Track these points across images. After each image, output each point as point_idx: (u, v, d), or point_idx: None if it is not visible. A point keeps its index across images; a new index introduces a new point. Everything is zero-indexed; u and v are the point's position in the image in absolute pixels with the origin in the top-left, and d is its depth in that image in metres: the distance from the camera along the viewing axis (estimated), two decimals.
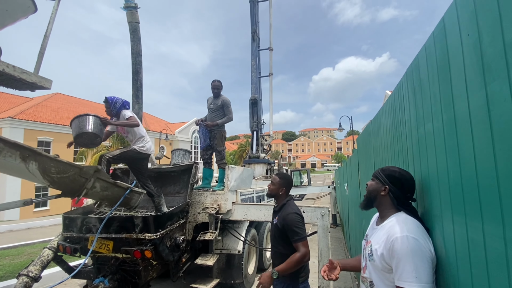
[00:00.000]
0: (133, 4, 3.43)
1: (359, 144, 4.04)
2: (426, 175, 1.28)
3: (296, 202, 2.42)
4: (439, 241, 1.13)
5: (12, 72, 1.76)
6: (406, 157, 1.58)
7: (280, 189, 2.33)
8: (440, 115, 1.09)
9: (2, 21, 2.55)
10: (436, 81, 1.12)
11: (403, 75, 1.59)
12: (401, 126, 1.68)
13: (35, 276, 3.05)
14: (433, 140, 1.17)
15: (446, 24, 1.05)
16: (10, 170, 2.40)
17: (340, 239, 7.66)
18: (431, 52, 1.19)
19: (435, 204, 1.17)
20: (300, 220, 2.14)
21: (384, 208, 1.33)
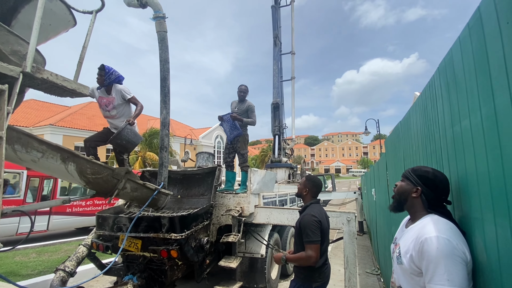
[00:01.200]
0: (161, 14, 3.59)
1: (387, 147, 3.87)
2: (463, 176, 1.20)
3: None
4: (479, 246, 1.04)
5: (55, 80, 1.93)
6: (440, 157, 1.49)
7: (304, 190, 2.36)
8: (478, 110, 1.02)
9: (46, 35, 2.81)
10: (473, 74, 1.05)
11: (435, 71, 1.51)
12: (433, 125, 1.59)
13: (71, 271, 3.26)
14: (470, 137, 1.10)
15: (483, 13, 0.99)
16: (51, 171, 2.61)
17: (368, 247, 7.33)
18: (467, 44, 1.12)
19: (475, 206, 1.09)
20: (315, 223, 2.10)
21: (415, 210, 1.26)
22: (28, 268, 5.40)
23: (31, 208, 2.47)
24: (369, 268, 5.39)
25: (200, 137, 31.22)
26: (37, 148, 2.24)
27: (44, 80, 1.85)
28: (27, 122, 20.72)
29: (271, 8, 10.62)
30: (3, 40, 1.88)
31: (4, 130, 1.55)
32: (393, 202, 1.36)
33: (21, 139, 2.16)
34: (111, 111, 3.52)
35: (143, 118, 31.26)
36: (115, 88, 3.43)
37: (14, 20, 2.33)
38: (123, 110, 3.56)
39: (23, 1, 2.37)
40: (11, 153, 2.14)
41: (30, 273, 5.08)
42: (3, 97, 1.56)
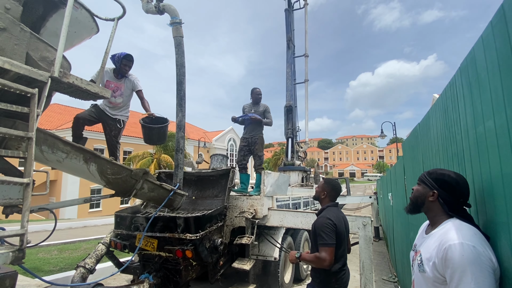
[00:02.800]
0: (178, 20, 3.70)
1: (405, 150, 3.77)
2: (487, 178, 1.15)
3: None
4: (506, 251, 1.00)
5: (80, 84, 2.03)
6: (462, 160, 1.44)
7: (322, 193, 2.35)
8: (503, 110, 0.98)
9: (71, 42, 2.96)
10: (497, 73, 1.02)
11: (457, 70, 1.47)
12: (454, 126, 1.54)
13: (91, 268, 3.38)
14: (495, 138, 1.06)
15: (506, 11, 0.96)
16: (74, 171, 2.73)
17: (384, 253, 7.12)
18: (490, 43, 1.09)
19: (500, 210, 1.05)
20: (330, 226, 2.06)
21: (434, 214, 1.21)
22: (50, 264, 5.64)
23: (55, 206, 2.59)
24: (385, 275, 5.23)
25: (213, 140, 31.57)
26: (62, 149, 2.36)
27: (70, 84, 1.95)
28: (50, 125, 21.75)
29: (285, 12, 10.65)
30: (33, 47, 2.00)
31: (34, 131, 1.65)
32: (409, 204, 1.32)
33: (47, 140, 2.28)
34: (117, 97, 3.51)
35: None
36: (129, 77, 3.44)
37: (43, 28, 2.48)
38: (127, 100, 3.54)
39: (51, 10, 2.51)
40: (38, 154, 2.26)
41: (52, 269, 5.30)
42: (34, 100, 1.66)
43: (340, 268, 2.13)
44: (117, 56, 3.42)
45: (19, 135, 1.62)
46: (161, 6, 3.53)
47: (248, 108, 4.79)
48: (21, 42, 1.92)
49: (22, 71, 1.72)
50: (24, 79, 1.78)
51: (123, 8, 2.52)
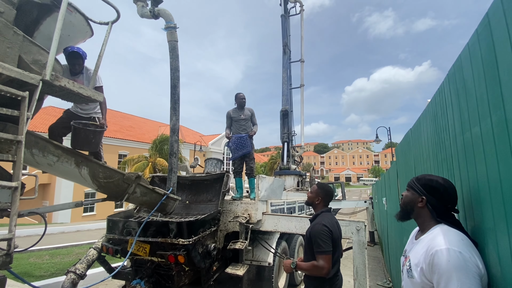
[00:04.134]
0: (173, 24, 3.71)
1: (398, 155, 3.80)
2: (475, 184, 1.17)
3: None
4: (493, 257, 1.00)
5: (71, 87, 2.02)
6: (451, 165, 1.46)
7: (316, 199, 2.31)
8: (489, 117, 1.00)
9: (65, 45, 2.94)
10: (483, 81, 1.04)
11: (445, 77, 1.50)
12: (444, 132, 1.56)
13: (81, 273, 3.32)
14: (481, 145, 1.08)
15: (491, 19, 0.98)
16: (65, 174, 2.70)
17: (379, 258, 7.11)
18: (475, 51, 1.11)
19: (487, 216, 1.06)
20: (326, 233, 2.04)
21: (423, 220, 1.22)
22: (41, 269, 5.53)
23: (46, 211, 2.55)
24: (380, 281, 5.22)
25: (210, 144, 31.50)
26: (53, 152, 2.34)
27: (61, 88, 1.94)
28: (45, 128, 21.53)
29: (281, 17, 10.77)
30: (26, 50, 1.99)
31: (23, 134, 1.63)
32: (399, 211, 1.33)
33: (38, 144, 2.25)
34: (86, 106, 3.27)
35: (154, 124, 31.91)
36: (88, 72, 3.08)
37: (37, 31, 2.47)
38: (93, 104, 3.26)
39: (45, 13, 2.50)
40: (29, 157, 2.24)
41: (43, 274, 5.20)
42: (24, 104, 1.64)
43: (334, 274, 2.12)
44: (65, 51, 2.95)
45: (8, 138, 1.60)
46: (156, 10, 3.55)
47: (235, 113, 4.82)
48: (13, 45, 1.90)
49: (13, 74, 1.70)
50: (16, 82, 1.76)
51: (117, 12, 2.53)
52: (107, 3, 2.43)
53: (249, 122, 4.77)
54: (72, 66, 3.05)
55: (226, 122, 4.89)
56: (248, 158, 4.68)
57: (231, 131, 4.84)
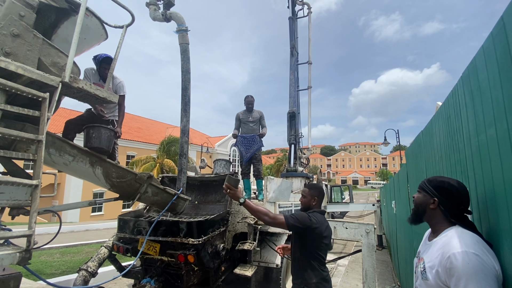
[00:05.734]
0: (184, 27, 3.77)
1: (408, 158, 3.77)
2: (490, 186, 1.16)
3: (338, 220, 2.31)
4: (509, 259, 1.00)
5: (89, 89, 2.08)
6: (465, 167, 1.45)
7: (313, 199, 2.23)
8: (504, 118, 1.00)
9: (81, 48, 3.04)
10: (498, 83, 1.04)
11: (459, 79, 1.49)
12: (457, 134, 1.56)
13: (93, 271, 3.39)
14: (497, 146, 1.07)
15: (506, 23, 0.99)
16: (80, 174, 2.77)
17: (387, 262, 7.02)
18: (491, 53, 1.11)
19: (503, 217, 1.05)
20: (304, 217, 1.99)
21: (436, 222, 1.22)
22: (52, 267, 5.65)
23: (61, 209, 2.62)
24: (389, 285, 5.15)
25: (216, 145, 31.67)
26: (69, 152, 2.41)
27: (79, 89, 2.00)
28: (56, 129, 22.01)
29: (288, 20, 10.79)
30: (45, 53, 2.06)
31: (44, 134, 1.69)
32: (411, 214, 1.33)
33: (55, 143, 2.33)
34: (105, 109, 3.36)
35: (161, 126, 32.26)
36: (114, 80, 3.26)
37: (54, 35, 2.55)
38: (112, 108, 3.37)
39: (63, 17, 2.59)
40: (46, 156, 2.31)
41: (54, 272, 5.31)
42: (45, 104, 1.71)
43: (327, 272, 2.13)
44: (97, 59, 3.26)
45: (30, 137, 1.66)
46: (168, 14, 3.62)
47: (244, 115, 4.86)
48: (33, 48, 1.98)
49: (34, 76, 1.77)
50: (36, 83, 1.83)
51: (132, 16, 2.60)
52: (122, 7, 2.50)
53: (257, 125, 4.82)
54: (104, 70, 3.29)
55: (235, 123, 4.94)
56: (255, 160, 4.71)
57: (239, 132, 4.88)
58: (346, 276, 5.92)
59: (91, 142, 2.68)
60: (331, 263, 6.61)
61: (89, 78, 3.34)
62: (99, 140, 2.68)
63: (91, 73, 3.33)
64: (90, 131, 2.67)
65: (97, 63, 3.28)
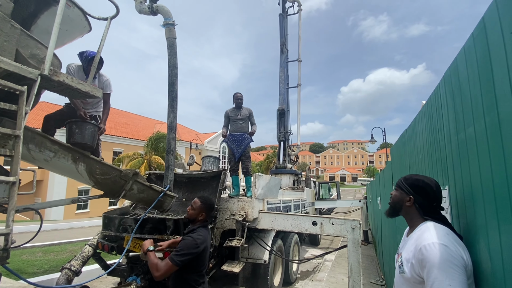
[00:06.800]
0: (171, 21, 3.69)
1: (393, 155, 3.86)
2: (468, 183, 1.20)
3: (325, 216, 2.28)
4: (484, 253, 1.04)
5: (70, 82, 2.01)
6: (445, 165, 1.50)
7: (200, 215, 2.13)
8: (483, 118, 1.03)
9: (62, 40, 2.93)
10: (477, 83, 1.07)
11: (441, 79, 1.53)
12: (438, 132, 1.60)
13: (77, 270, 3.30)
14: (475, 144, 1.11)
15: (487, 24, 1.02)
16: (62, 170, 2.68)
17: (372, 257, 7.21)
18: (471, 54, 1.14)
19: (479, 213, 1.09)
20: (191, 246, 1.92)
21: (411, 218, 1.29)
22: (35, 266, 5.48)
23: (41, 207, 2.53)
24: (373, 279, 5.30)
25: (206, 142, 31.40)
26: (50, 148, 2.32)
27: (60, 83, 1.93)
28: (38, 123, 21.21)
29: (279, 17, 10.77)
30: (23, 44, 1.97)
31: (22, 129, 1.62)
32: (388, 208, 1.39)
33: (35, 139, 2.24)
34: (89, 104, 3.25)
35: (149, 121, 31.68)
36: (101, 77, 3.16)
37: (34, 25, 2.44)
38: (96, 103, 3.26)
39: (43, 7, 2.48)
40: (25, 152, 2.22)
41: (36, 271, 5.15)
42: (22, 98, 1.63)
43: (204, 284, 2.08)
44: (84, 56, 3.13)
45: (6, 132, 1.59)
46: (155, 7, 3.53)
47: (232, 113, 4.84)
48: (11, 38, 1.89)
49: (11, 68, 1.69)
50: (13, 76, 1.75)
51: (116, 8, 2.51)
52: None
53: (246, 122, 4.80)
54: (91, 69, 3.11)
55: (223, 121, 4.91)
56: (244, 156, 4.70)
57: (228, 130, 4.86)
58: (332, 271, 6.04)
59: (74, 138, 2.60)
60: (318, 258, 6.73)
61: (73, 74, 3.19)
62: (82, 136, 2.60)
63: (75, 69, 3.17)
64: (73, 126, 2.58)
65: (85, 60, 3.12)
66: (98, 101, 3.30)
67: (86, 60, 3.11)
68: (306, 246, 8.52)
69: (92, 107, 3.33)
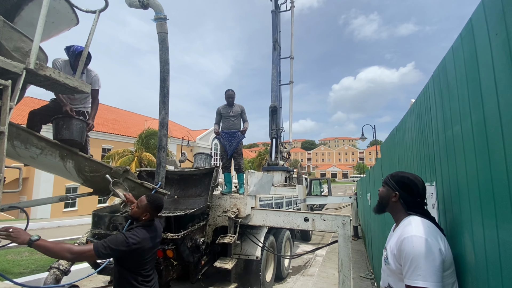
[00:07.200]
0: (163, 16, 3.63)
1: (383, 152, 3.93)
2: (454, 179, 1.24)
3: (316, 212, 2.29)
4: (468, 247, 1.08)
5: (57, 77, 1.95)
6: (433, 162, 1.54)
7: (144, 214, 2.01)
8: (469, 116, 1.06)
9: (48, 32, 2.83)
10: (465, 82, 1.10)
11: (430, 78, 1.57)
12: (427, 130, 1.64)
13: (65, 269, 3.24)
14: (461, 142, 1.14)
15: (474, 25, 1.04)
16: (49, 168, 2.62)
17: (362, 252, 7.36)
18: (459, 54, 1.17)
19: (465, 209, 1.13)
20: (120, 243, 1.78)
21: (396, 213, 1.35)
22: (21, 266, 5.34)
23: (28, 205, 2.46)
24: (363, 273, 5.42)
25: (197, 139, 31.17)
26: (36, 144, 2.26)
27: (46, 77, 1.87)
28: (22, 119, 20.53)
29: (271, 13, 10.73)
30: (7, 36, 1.90)
31: (6, 125, 1.57)
32: (376, 205, 1.45)
33: (20, 135, 2.17)
34: (76, 100, 3.15)
35: (139, 118, 31.16)
36: (89, 73, 3.06)
37: (18, 17, 2.35)
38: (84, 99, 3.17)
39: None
40: (10, 149, 2.15)
41: (22, 271, 5.03)
42: (6, 93, 1.58)
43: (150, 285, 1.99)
44: (71, 51, 3.03)
45: None
46: (145, 0, 3.46)
47: (224, 110, 4.82)
48: None
49: None
50: None
51: (105, 0, 2.45)
52: None
53: (238, 119, 4.79)
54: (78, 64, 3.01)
55: (215, 118, 4.88)
56: (236, 153, 4.70)
57: (220, 127, 4.84)
58: (323, 266, 6.14)
59: (62, 134, 2.53)
60: (309, 254, 6.83)
61: (60, 70, 3.07)
62: (70, 132, 2.53)
63: (62, 64, 3.06)
64: (60, 122, 2.51)
65: (72, 55, 3.00)
66: (86, 96, 3.22)
67: (73, 55, 3.02)
68: (298, 242, 8.62)
69: (80, 103, 3.24)
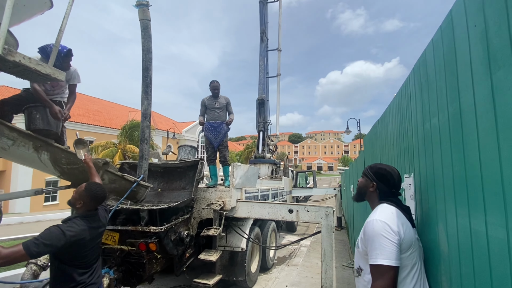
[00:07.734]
0: (145, 2, 3.49)
1: (366, 145, 4.01)
2: (431, 170, 1.27)
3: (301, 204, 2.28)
4: (442, 235, 1.12)
5: (28, 63, 1.83)
6: (412, 154, 1.57)
7: (78, 202, 1.87)
8: (446, 109, 1.09)
9: (19, 16, 2.64)
10: (443, 75, 1.12)
11: (411, 71, 1.59)
12: (407, 123, 1.67)
13: (43, 264, 3.13)
14: (438, 134, 1.17)
15: (454, 17, 1.05)
16: (23, 160, 2.49)
17: (345, 241, 7.59)
18: (439, 46, 1.18)
19: (440, 199, 1.17)
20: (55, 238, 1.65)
21: (372, 201, 1.44)
22: None
23: (1, 199, 2.34)
24: (345, 262, 5.59)
25: (184, 131, 30.69)
26: (8, 135, 2.13)
27: (16, 64, 1.75)
28: None
29: (259, 3, 10.55)
30: None
31: None
32: (355, 194, 1.54)
33: None
34: (55, 89, 2.99)
35: (123, 109, 30.24)
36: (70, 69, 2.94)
37: None
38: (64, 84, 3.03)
39: None
40: None
41: None
42: None
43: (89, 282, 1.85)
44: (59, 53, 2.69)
45: None
46: None
47: (209, 101, 4.74)
48: None
49: None
50: None
51: None
52: None
53: (224, 111, 4.73)
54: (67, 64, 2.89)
55: (200, 109, 4.80)
56: (221, 146, 4.66)
57: (205, 118, 4.77)
58: (307, 256, 6.29)
59: (35, 124, 2.40)
60: (294, 244, 6.96)
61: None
62: (45, 122, 2.40)
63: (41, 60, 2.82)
64: (33, 111, 2.37)
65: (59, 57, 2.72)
66: (61, 87, 3.05)
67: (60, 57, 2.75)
68: (283, 232, 8.76)
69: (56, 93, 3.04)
